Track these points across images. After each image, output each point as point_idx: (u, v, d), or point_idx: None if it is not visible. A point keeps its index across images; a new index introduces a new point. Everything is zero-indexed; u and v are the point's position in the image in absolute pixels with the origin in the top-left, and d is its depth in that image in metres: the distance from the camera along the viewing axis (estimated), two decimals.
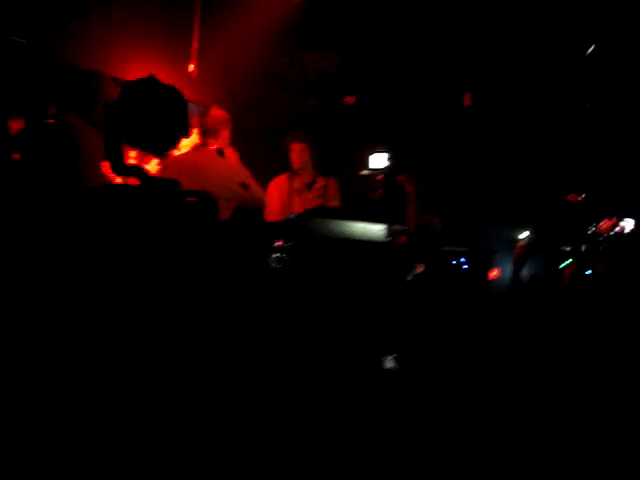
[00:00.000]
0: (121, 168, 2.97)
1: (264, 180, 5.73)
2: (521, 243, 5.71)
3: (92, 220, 2.89)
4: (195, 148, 5.20)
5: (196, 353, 2.72)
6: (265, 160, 5.79)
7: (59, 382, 2.59)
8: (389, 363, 3.86)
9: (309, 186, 5.88)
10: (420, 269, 4.74)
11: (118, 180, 3.93)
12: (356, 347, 3.74)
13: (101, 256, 2.80)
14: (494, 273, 5.99)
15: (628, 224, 6.26)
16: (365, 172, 5.36)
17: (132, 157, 3.15)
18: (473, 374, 4.41)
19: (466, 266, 5.77)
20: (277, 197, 5.81)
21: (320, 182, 5.91)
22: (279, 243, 3.42)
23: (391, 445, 3.52)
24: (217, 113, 5.20)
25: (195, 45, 5.87)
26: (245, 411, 3.08)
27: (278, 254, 3.39)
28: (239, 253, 3.35)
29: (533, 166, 6.87)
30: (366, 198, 5.35)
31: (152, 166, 3.31)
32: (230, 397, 2.84)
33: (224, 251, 3.24)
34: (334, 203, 5.96)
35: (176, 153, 4.73)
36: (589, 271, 5.51)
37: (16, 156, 4.04)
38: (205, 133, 5.15)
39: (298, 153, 5.78)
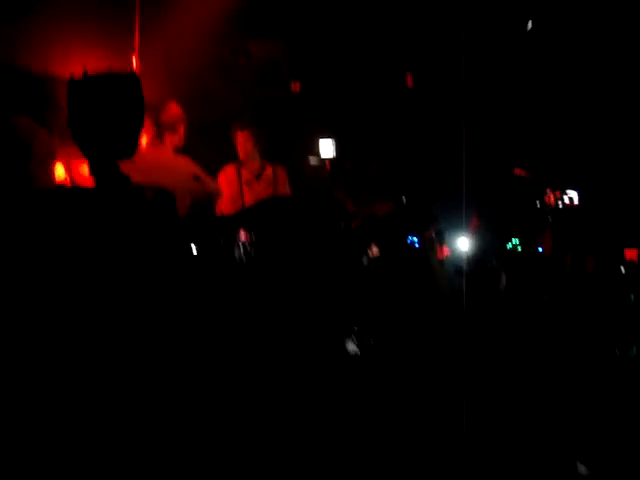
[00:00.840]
0: (100, 170, 2.89)
1: (214, 172, 5.70)
2: (474, 221, 5.79)
3: (46, 222, 2.84)
4: (151, 144, 5.18)
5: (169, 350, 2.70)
6: (214, 152, 5.75)
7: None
8: (351, 346, 3.87)
9: (258, 176, 5.83)
10: (375, 251, 4.77)
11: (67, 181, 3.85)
12: (321, 331, 3.75)
13: (56, 259, 2.76)
14: (445, 252, 6.08)
15: (572, 196, 6.40)
16: (314, 162, 5.36)
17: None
18: (433, 355, 4.46)
19: (418, 245, 5.84)
20: (226, 188, 5.75)
21: (268, 171, 5.86)
22: (243, 237, 3.38)
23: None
24: (175, 109, 5.21)
25: (137, 38, 5.77)
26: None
27: (242, 248, 3.36)
28: (203, 248, 3.33)
29: (480, 142, 6.95)
30: (316, 185, 5.37)
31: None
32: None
33: (187, 247, 3.22)
34: (284, 191, 5.93)
35: None
36: (539, 249, 5.62)
37: None
38: (163, 129, 5.15)
39: (243, 142, 5.71)
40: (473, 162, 6.93)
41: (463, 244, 6.06)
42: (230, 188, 5.73)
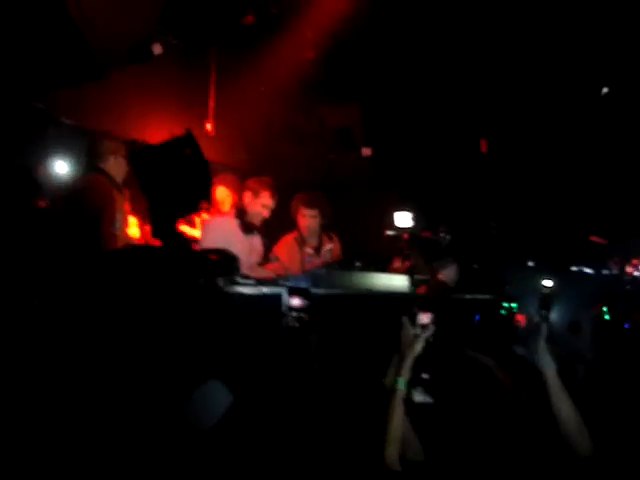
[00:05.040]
0: (163, 233, 3.00)
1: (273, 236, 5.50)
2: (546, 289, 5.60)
3: (118, 280, 2.93)
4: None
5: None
6: (282, 216, 5.61)
7: None
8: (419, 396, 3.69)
9: (317, 250, 5.53)
10: (425, 318, 4.56)
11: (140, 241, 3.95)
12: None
13: (125, 314, 2.82)
14: (520, 319, 5.89)
15: None
16: (391, 232, 5.22)
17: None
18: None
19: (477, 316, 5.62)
20: (287, 261, 5.27)
21: (327, 244, 5.52)
22: (297, 302, 3.29)
23: None
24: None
25: (212, 104, 5.90)
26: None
27: (296, 313, 3.28)
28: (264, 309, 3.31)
29: (553, 209, 6.83)
30: (389, 254, 5.25)
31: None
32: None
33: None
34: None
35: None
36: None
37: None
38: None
39: (309, 220, 5.28)
40: (548, 228, 6.81)
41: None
42: (291, 263, 5.29)
